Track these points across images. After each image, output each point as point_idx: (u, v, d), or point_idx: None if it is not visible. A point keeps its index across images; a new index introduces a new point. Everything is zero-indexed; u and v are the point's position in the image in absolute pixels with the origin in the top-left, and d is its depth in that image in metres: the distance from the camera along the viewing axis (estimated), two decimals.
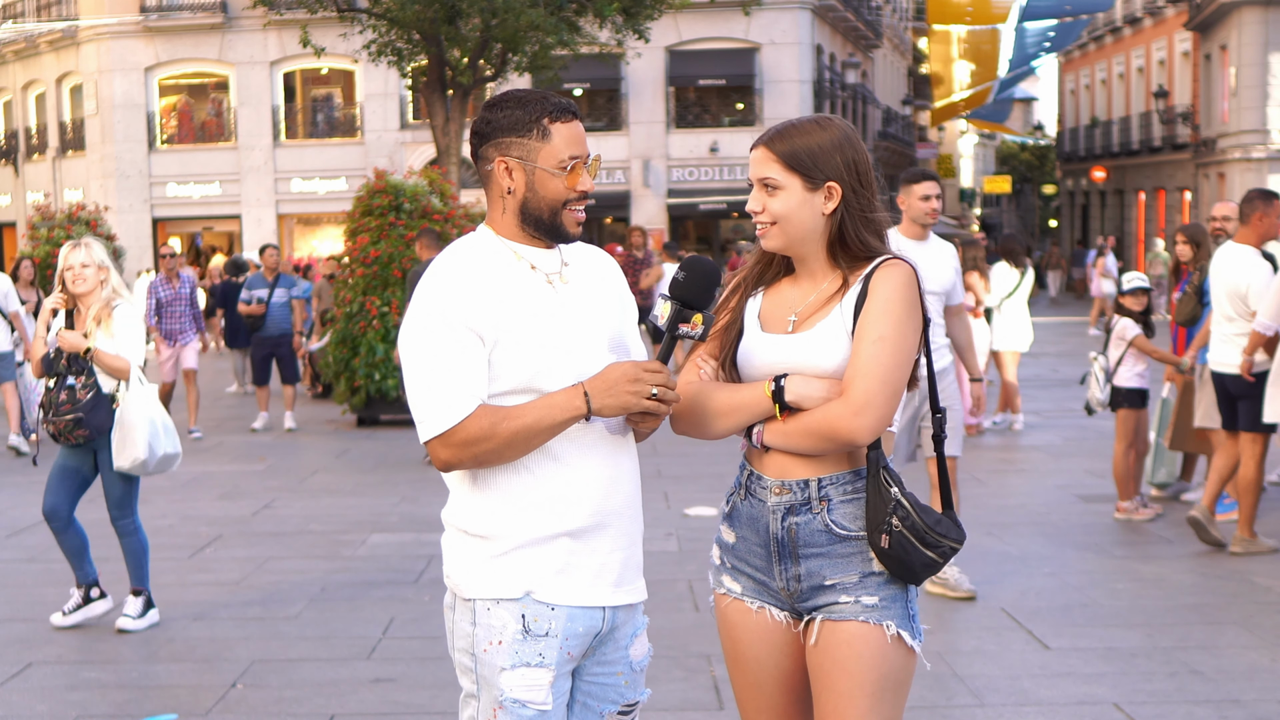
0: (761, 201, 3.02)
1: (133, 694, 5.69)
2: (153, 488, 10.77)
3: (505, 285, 2.89)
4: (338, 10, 20.78)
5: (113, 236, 17.44)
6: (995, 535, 8.40)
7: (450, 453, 2.84)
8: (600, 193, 35.03)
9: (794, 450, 2.97)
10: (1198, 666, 5.78)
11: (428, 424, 2.85)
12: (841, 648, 2.96)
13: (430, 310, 2.86)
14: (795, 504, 2.98)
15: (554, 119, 2.91)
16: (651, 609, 6.98)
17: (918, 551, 2.92)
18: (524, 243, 2.96)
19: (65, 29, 36.23)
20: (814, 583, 2.99)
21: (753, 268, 3.16)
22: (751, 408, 2.99)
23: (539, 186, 2.91)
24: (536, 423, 2.83)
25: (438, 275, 2.91)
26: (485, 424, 2.81)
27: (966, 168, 72.51)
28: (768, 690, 3.10)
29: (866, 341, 2.91)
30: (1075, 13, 42.17)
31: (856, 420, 2.87)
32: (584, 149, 2.94)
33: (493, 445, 2.82)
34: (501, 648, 2.88)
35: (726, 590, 3.12)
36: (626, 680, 3.02)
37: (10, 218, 39.21)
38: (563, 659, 2.90)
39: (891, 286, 2.94)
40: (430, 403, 2.84)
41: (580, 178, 2.92)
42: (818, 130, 3.01)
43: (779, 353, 3.01)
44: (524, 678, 2.87)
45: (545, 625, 2.88)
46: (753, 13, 25.79)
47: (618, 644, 3.00)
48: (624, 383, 2.83)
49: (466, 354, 2.83)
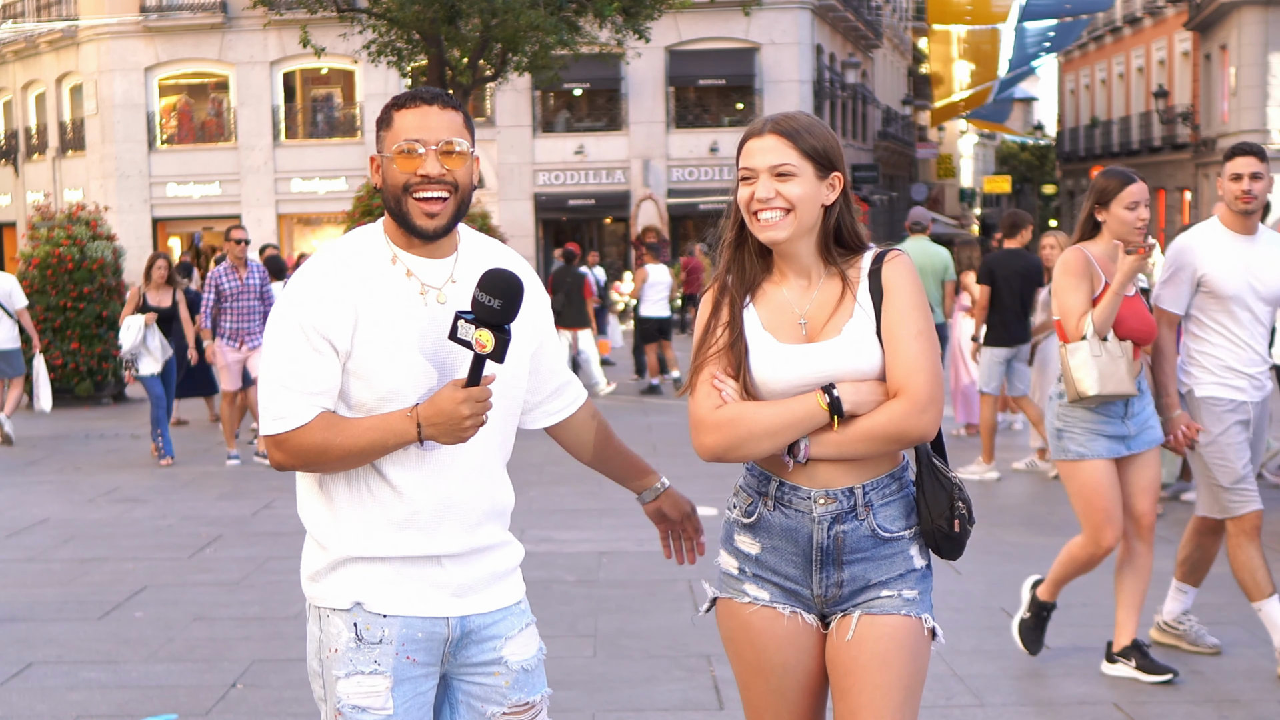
0: (774, 188, 2.93)
1: (133, 694, 5.68)
2: (153, 488, 10.77)
3: (370, 295, 2.79)
4: (338, 10, 20.76)
5: (113, 237, 17.38)
6: (995, 535, 8.40)
7: (283, 457, 2.83)
8: (600, 193, 35.06)
9: (850, 457, 2.95)
10: (1198, 666, 5.78)
11: (266, 422, 2.82)
12: (884, 640, 2.96)
13: (290, 310, 2.81)
14: (841, 512, 2.98)
15: (399, 107, 2.82)
16: (651, 609, 6.99)
17: (970, 528, 3.04)
18: (403, 246, 2.85)
19: (65, 29, 36.23)
20: (856, 586, 3.00)
21: (727, 274, 3.06)
22: (804, 423, 2.93)
23: (386, 175, 2.82)
24: (370, 445, 2.78)
25: (306, 274, 2.83)
26: (319, 439, 2.77)
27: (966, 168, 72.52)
28: (791, 696, 3.08)
29: (908, 338, 2.92)
30: (1075, 13, 42.18)
31: (924, 418, 2.90)
32: (429, 134, 2.78)
33: (324, 461, 2.80)
34: (337, 655, 2.86)
35: (753, 599, 3.06)
36: (508, 681, 2.93)
37: (10, 218, 39.20)
38: (401, 664, 2.84)
39: (908, 279, 2.96)
40: (272, 403, 2.81)
41: (420, 162, 2.77)
42: (815, 122, 3.02)
43: (808, 363, 2.96)
44: (359, 685, 2.84)
45: (378, 633, 2.84)
46: (753, 13, 25.75)
47: (485, 647, 2.91)
48: (453, 415, 2.71)
49: (315, 359, 2.77)
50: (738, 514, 3.10)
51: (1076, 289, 5.35)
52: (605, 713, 5.36)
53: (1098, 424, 5.39)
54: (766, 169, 2.95)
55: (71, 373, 16.52)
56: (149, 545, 8.61)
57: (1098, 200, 5.39)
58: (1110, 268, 5.37)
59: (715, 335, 3.02)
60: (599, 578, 7.52)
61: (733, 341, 3.00)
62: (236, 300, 11.92)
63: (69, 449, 13.14)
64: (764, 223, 2.95)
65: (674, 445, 11.97)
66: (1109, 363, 5.26)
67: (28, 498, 10.35)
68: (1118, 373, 5.26)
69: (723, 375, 2.99)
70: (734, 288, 3.04)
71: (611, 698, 5.52)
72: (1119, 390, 5.28)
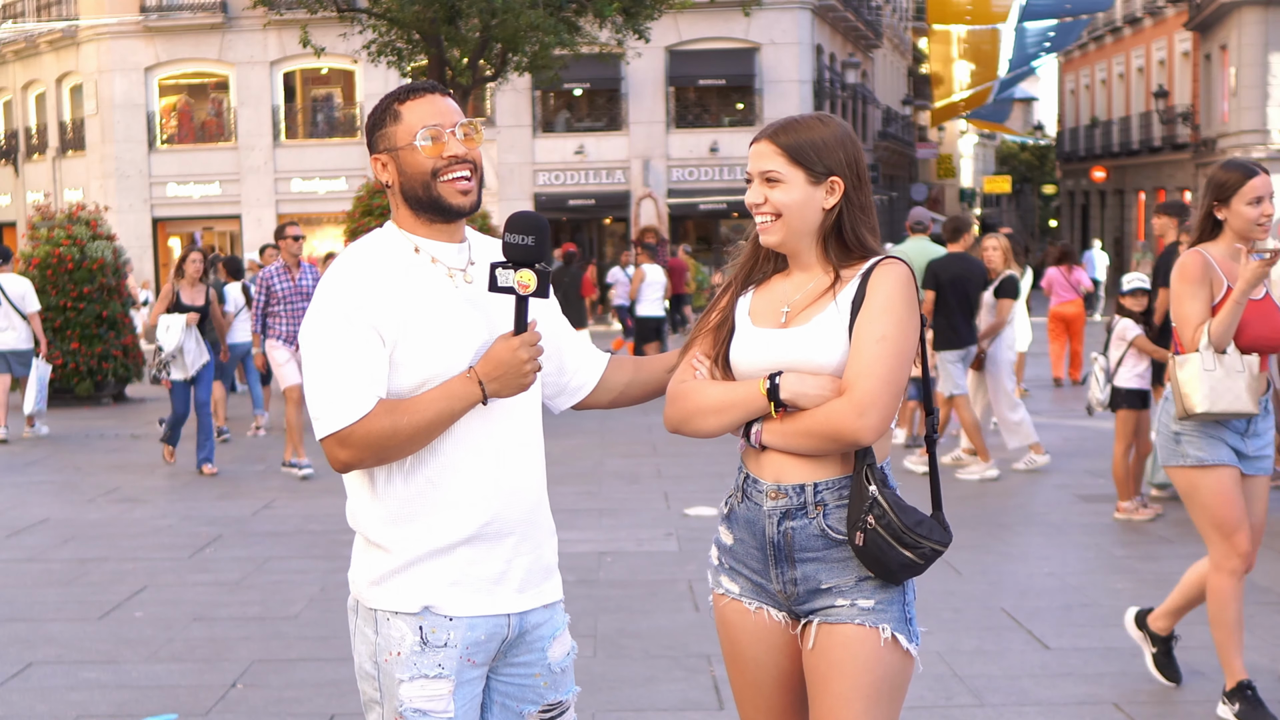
0: (763, 194, 2.99)
1: (133, 694, 5.68)
2: (153, 488, 10.77)
3: (406, 282, 2.83)
4: (338, 10, 20.77)
5: (113, 237, 17.39)
6: (995, 535, 8.41)
7: (350, 453, 2.78)
8: (600, 192, 35.09)
9: (794, 450, 2.94)
10: (1198, 666, 5.78)
11: (325, 421, 2.77)
12: (837, 650, 2.94)
13: (331, 306, 2.81)
14: (791, 508, 2.96)
15: (401, 101, 2.87)
16: (651, 609, 6.99)
17: (895, 551, 2.87)
18: (424, 235, 2.89)
19: (65, 29, 36.24)
20: (810, 586, 2.98)
21: (742, 265, 3.13)
22: (745, 405, 2.96)
23: (405, 167, 2.85)
24: (437, 416, 2.78)
25: (339, 272, 2.85)
26: (386, 424, 2.76)
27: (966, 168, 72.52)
28: (766, 690, 3.10)
29: (869, 340, 2.88)
30: (1075, 13, 42.20)
31: (861, 421, 2.84)
32: (446, 118, 2.85)
33: (396, 443, 2.78)
34: (400, 659, 2.85)
35: (725, 591, 3.11)
36: (545, 681, 2.98)
37: (10, 218, 39.23)
38: (464, 667, 2.86)
39: (891, 285, 2.92)
40: (328, 400, 2.77)
41: (446, 145, 2.84)
42: (820, 125, 3.02)
43: (771, 347, 2.98)
44: (423, 689, 2.84)
45: (444, 636, 2.85)
46: (753, 13, 25.76)
47: (531, 646, 2.95)
48: (511, 362, 2.78)
49: (366, 351, 2.78)
50: (722, 505, 3.16)
51: (1194, 296, 4.90)
52: (605, 713, 5.35)
53: (1218, 431, 4.97)
54: (758, 174, 3.01)
55: (71, 373, 16.54)
56: (149, 545, 8.61)
57: (1216, 196, 4.94)
58: (1233, 270, 4.91)
59: (709, 318, 3.12)
60: (599, 578, 7.52)
61: (719, 324, 3.08)
62: (289, 303, 11.33)
63: (69, 449, 13.14)
64: (758, 226, 3.04)
65: (674, 445, 11.97)
66: (1223, 378, 4.84)
67: (28, 498, 10.35)
68: (1234, 388, 4.85)
69: (702, 355, 3.07)
70: (738, 278, 3.13)
71: (611, 698, 5.52)
72: (1234, 409, 4.86)
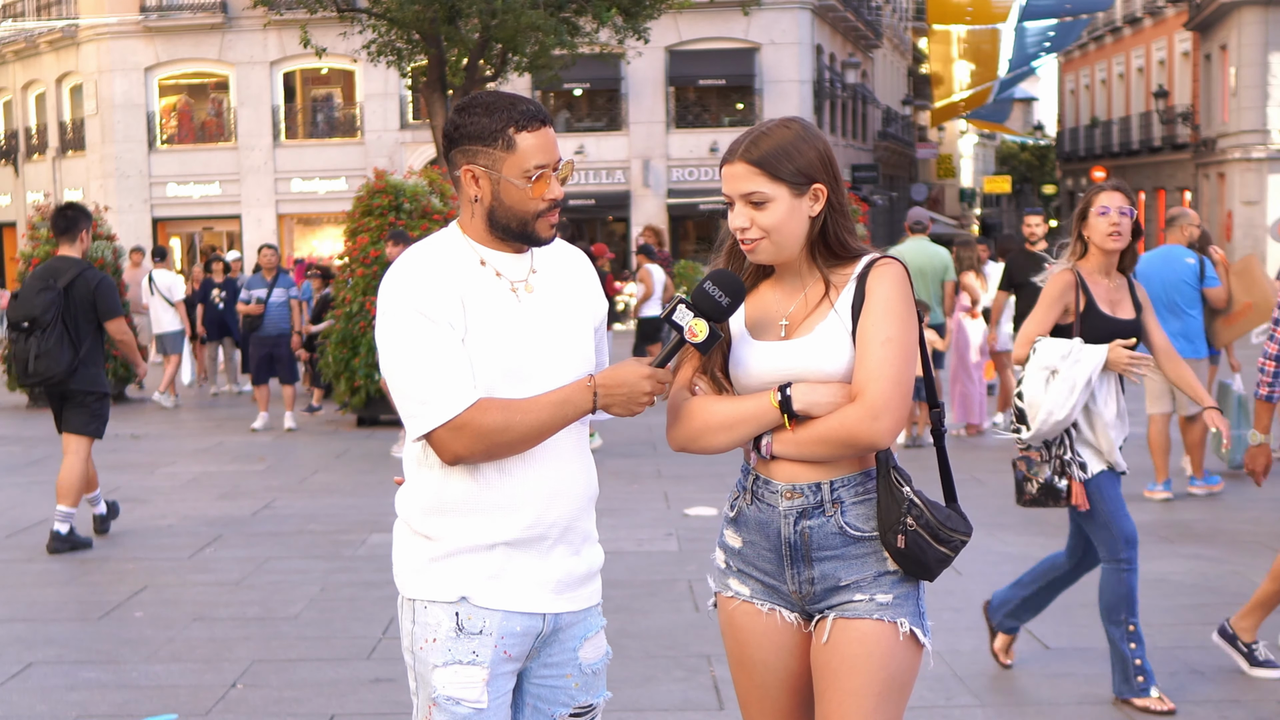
0: (748, 217, 2.93)
1: (133, 694, 5.68)
2: (153, 488, 10.77)
3: (471, 291, 2.83)
4: (338, 10, 20.78)
5: (112, 237, 17.40)
6: (995, 535, 8.40)
7: (463, 445, 2.77)
8: (600, 193, 35.08)
9: (809, 458, 2.94)
10: (1198, 666, 5.78)
11: (434, 412, 2.76)
12: (854, 645, 2.94)
13: (407, 305, 2.80)
14: (808, 508, 2.95)
15: (519, 128, 2.82)
16: (651, 609, 6.98)
17: (933, 549, 2.91)
18: (491, 246, 2.90)
19: (65, 29, 36.24)
20: (828, 584, 2.97)
21: None
22: (757, 419, 2.94)
23: (505, 196, 2.84)
24: (550, 419, 2.80)
25: (408, 271, 2.84)
26: (500, 418, 2.77)
27: (966, 168, 72.54)
28: (773, 693, 3.09)
29: (875, 343, 2.87)
30: (1075, 12, 42.22)
31: (876, 424, 2.84)
32: (552, 156, 2.85)
33: (508, 438, 2.78)
34: (435, 645, 2.86)
35: (735, 594, 3.08)
36: (577, 683, 2.99)
37: (10, 218, 39.22)
38: (498, 657, 2.87)
39: (889, 286, 2.91)
40: (431, 392, 2.76)
41: (549, 186, 2.85)
42: (785, 130, 2.95)
43: (777, 360, 2.96)
44: (457, 675, 2.85)
45: (479, 624, 2.86)
46: (752, 13, 25.80)
47: (564, 646, 2.97)
48: (636, 387, 2.82)
49: (449, 338, 2.78)
50: (726, 508, 3.14)
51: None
52: (605, 713, 5.33)
53: None
54: (739, 197, 2.94)
55: None
56: (149, 545, 8.61)
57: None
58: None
59: None
60: None
61: None
62: None
63: None
64: (746, 247, 2.98)
65: None
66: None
67: (28, 498, 10.35)
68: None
69: (698, 374, 3.05)
70: None
71: (611, 698, 5.51)
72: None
